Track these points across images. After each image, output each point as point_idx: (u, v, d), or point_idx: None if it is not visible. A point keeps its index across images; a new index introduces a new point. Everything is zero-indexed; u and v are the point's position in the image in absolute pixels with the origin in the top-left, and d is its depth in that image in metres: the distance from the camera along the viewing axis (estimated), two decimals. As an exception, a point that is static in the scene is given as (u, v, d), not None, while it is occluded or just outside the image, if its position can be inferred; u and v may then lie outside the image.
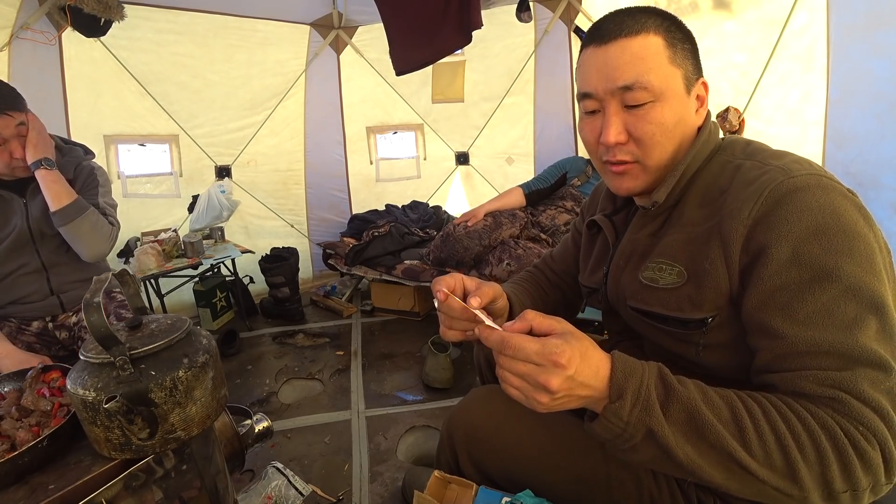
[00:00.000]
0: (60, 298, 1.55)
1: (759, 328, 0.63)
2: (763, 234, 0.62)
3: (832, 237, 0.59)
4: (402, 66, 2.70)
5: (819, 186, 0.62)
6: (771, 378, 0.62)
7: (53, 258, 1.52)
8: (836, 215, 0.60)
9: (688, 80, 0.72)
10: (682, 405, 0.57)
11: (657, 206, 0.77)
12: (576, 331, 0.59)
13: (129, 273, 0.78)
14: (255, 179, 3.15)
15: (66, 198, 1.44)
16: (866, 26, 1.97)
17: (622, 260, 0.84)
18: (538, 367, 0.55)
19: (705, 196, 0.72)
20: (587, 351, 0.57)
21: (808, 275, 0.59)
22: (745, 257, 0.64)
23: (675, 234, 0.74)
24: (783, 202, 0.61)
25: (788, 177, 0.63)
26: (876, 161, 2.00)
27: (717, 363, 0.71)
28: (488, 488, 0.90)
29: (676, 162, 0.75)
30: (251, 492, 1.25)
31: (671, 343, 0.76)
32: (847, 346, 0.56)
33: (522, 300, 0.97)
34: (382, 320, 2.82)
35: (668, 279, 0.73)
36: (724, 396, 0.59)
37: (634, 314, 0.80)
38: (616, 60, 0.70)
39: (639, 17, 0.71)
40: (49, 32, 2.28)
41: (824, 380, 0.57)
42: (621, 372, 0.58)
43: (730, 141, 0.78)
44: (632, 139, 0.72)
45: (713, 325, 0.68)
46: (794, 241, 0.60)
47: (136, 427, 0.64)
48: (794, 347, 0.59)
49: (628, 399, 0.57)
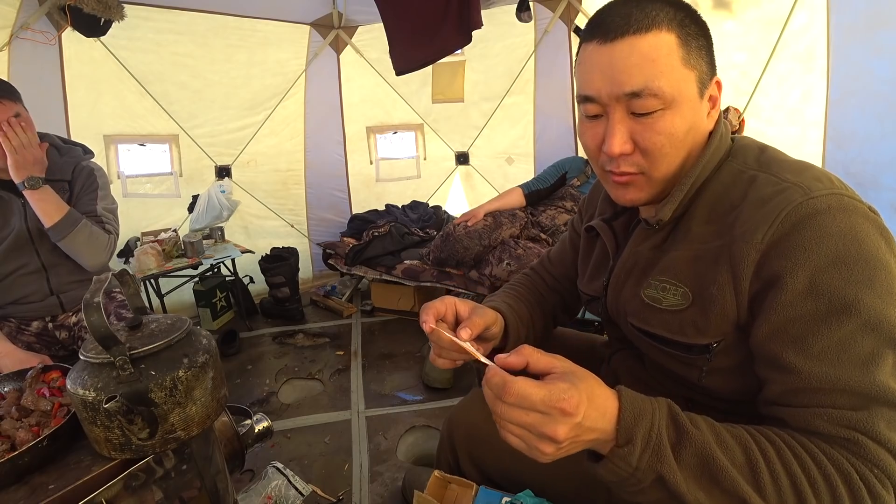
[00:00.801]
0: (60, 298, 1.55)
1: (770, 359, 0.59)
2: (777, 260, 0.57)
3: (852, 266, 0.55)
4: (402, 66, 2.70)
5: (840, 208, 0.57)
6: (781, 412, 0.59)
7: (53, 258, 1.51)
8: (857, 242, 0.55)
9: (702, 82, 0.65)
10: (695, 450, 0.53)
11: (661, 224, 0.71)
12: (578, 369, 0.55)
13: (129, 273, 0.78)
14: (255, 179, 3.15)
15: (56, 214, 1.42)
16: (866, 26, 1.97)
17: (623, 273, 0.79)
18: (544, 417, 0.50)
19: (714, 210, 0.67)
20: (594, 392, 0.53)
21: (824, 307, 0.55)
22: (757, 284, 0.60)
23: (680, 250, 0.69)
24: (801, 226, 0.57)
25: (807, 197, 0.58)
26: (876, 161, 2.00)
27: (721, 387, 0.69)
28: (488, 488, 0.90)
29: (684, 172, 0.69)
30: (251, 492, 1.25)
31: (673, 364, 0.73)
32: (863, 383, 0.53)
33: (519, 311, 0.92)
34: (382, 320, 2.82)
35: (671, 300, 0.68)
36: (737, 437, 0.55)
37: (635, 332, 0.76)
38: (623, 62, 0.62)
39: (648, 10, 0.62)
40: (49, 32, 2.28)
41: (839, 419, 0.54)
42: (630, 413, 0.54)
43: (741, 145, 0.71)
44: (638, 149, 0.66)
45: (718, 350, 0.65)
46: (812, 271, 0.55)
47: (136, 427, 0.64)
48: (808, 383, 0.55)
49: (638, 444, 0.53)
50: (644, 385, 0.81)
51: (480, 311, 0.77)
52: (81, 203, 1.54)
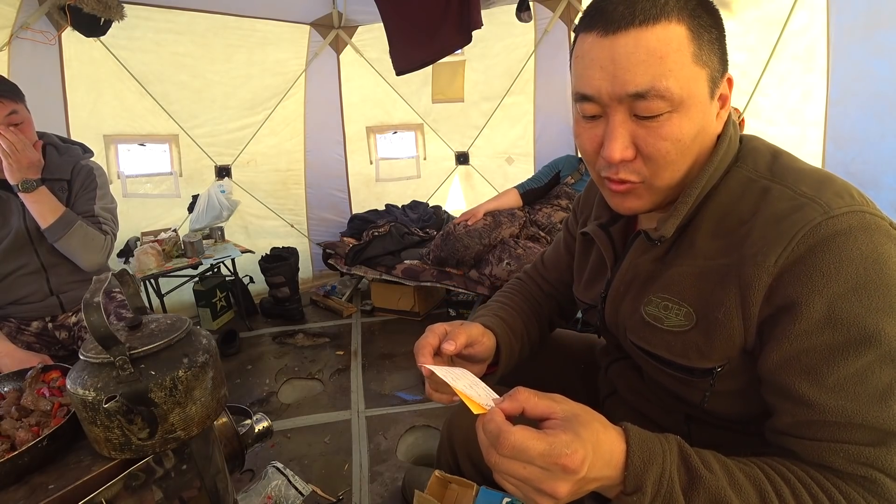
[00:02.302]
0: (60, 299, 1.55)
1: (780, 389, 0.55)
2: (792, 285, 0.52)
3: (874, 294, 0.50)
4: (402, 66, 2.70)
5: (862, 228, 0.52)
6: (792, 443, 0.55)
7: (52, 258, 1.51)
8: (878, 266, 0.51)
9: (713, 80, 0.58)
10: (708, 494, 0.50)
11: (663, 240, 0.65)
12: (580, 411, 0.50)
13: (128, 273, 0.78)
14: (255, 179, 3.15)
15: (50, 216, 1.41)
16: (866, 26, 1.97)
17: (622, 286, 0.73)
18: (543, 472, 0.46)
19: (721, 223, 0.61)
20: (598, 439, 0.48)
21: (842, 337, 0.51)
22: (767, 309, 0.55)
23: (684, 265, 0.63)
24: (819, 249, 0.52)
25: (827, 217, 0.52)
26: (876, 161, 2.00)
27: (724, 409, 0.65)
28: (489, 488, 0.90)
29: (689, 181, 0.62)
30: (251, 492, 1.25)
31: (674, 384, 0.68)
32: (881, 418, 0.50)
33: (512, 325, 0.87)
34: (382, 320, 2.82)
35: (673, 321, 0.64)
36: (751, 477, 0.52)
37: (635, 349, 0.71)
38: (627, 58, 0.55)
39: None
40: (49, 32, 2.28)
41: (856, 456, 0.51)
42: (639, 458, 0.50)
43: (751, 148, 0.64)
44: (640, 156, 0.59)
45: (721, 374, 0.61)
46: (831, 298, 0.51)
47: (135, 427, 0.64)
48: (822, 416, 0.52)
49: (648, 492, 0.49)
50: (643, 398, 0.80)
51: (462, 329, 0.73)
52: (79, 203, 1.53)
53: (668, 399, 0.73)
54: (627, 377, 0.83)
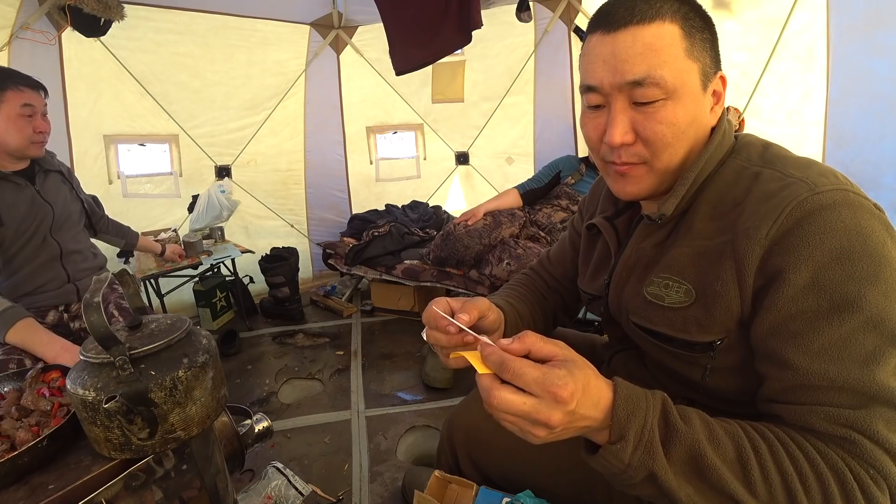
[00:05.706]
0: (77, 286, 1.59)
1: (769, 356, 0.59)
2: (781, 256, 0.57)
3: (856, 263, 0.54)
4: (402, 66, 2.70)
5: (846, 204, 0.56)
6: (778, 409, 0.59)
7: (70, 246, 1.57)
8: (861, 238, 0.54)
9: (705, 74, 0.65)
10: (685, 446, 0.53)
11: (664, 219, 0.70)
12: (578, 358, 0.54)
13: (129, 273, 0.78)
14: (255, 179, 3.15)
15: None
16: (866, 26, 1.97)
17: (625, 271, 0.78)
18: (538, 402, 0.50)
19: (717, 206, 0.66)
20: (589, 382, 0.53)
21: (826, 303, 0.55)
22: (760, 279, 0.59)
23: (683, 246, 0.68)
24: (805, 222, 0.56)
25: (813, 193, 0.57)
26: (876, 161, 2.00)
27: (724, 386, 0.68)
28: (489, 489, 0.90)
29: (687, 166, 0.68)
30: (251, 492, 1.25)
31: (676, 363, 0.72)
32: (863, 382, 0.53)
33: (519, 309, 0.91)
34: (382, 320, 2.82)
35: (674, 298, 0.68)
36: (730, 433, 0.55)
37: (637, 330, 0.75)
38: (626, 51, 0.62)
39: (653, 2, 0.63)
40: (49, 32, 2.28)
41: (837, 417, 0.54)
42: (623, 409, 0.53)
43: (745, 142, 0.71)
44: (639, 140, 0.65)
45: (721, 347, 0.64)
46: (815, 266, 0.55)
47: (135, 427, 0.64)
48: (806, 380, 0.55)
49: (630, 441, 0.53)
50: (645, 386, 0.80)
51: (472, 301, 0.74)
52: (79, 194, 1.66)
53: (671, 385, 0.76)
54: (630, 367, 0.85)
